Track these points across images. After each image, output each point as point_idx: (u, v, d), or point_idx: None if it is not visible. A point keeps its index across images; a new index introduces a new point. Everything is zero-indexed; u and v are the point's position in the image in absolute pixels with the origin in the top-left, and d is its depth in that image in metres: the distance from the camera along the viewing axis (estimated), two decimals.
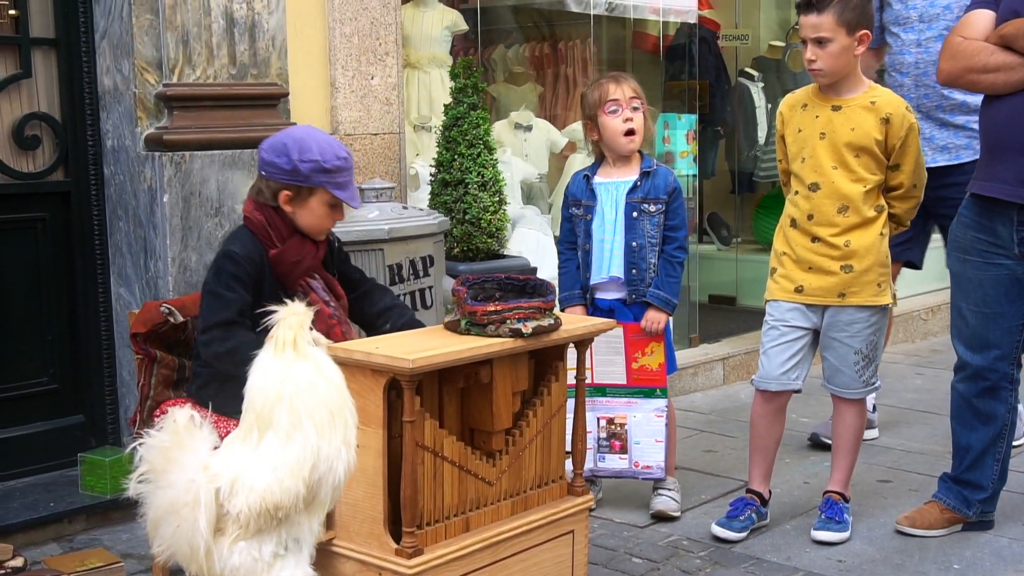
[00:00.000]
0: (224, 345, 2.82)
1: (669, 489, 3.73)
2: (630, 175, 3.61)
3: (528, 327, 2.72)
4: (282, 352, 2.15)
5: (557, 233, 5.50)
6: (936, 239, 7.31)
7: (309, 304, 2.27)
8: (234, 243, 2.93)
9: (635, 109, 3.58)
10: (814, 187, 3.42)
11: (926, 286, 6.88)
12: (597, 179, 3.65)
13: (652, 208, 3.58)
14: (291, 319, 2.17)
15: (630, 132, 3.57)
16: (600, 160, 3.70)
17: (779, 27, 7.47)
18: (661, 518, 3.67)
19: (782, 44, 7.27)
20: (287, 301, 2.24)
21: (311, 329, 2.21)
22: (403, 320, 3.12)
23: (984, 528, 3.57)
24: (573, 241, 3.70)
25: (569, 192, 3.72)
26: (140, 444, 2.13)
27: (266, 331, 2.22)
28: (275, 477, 2.10)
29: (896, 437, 4.60)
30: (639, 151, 3.65)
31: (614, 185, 3.62)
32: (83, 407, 3.85)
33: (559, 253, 3.76)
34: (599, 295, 3.66)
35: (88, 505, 3.57)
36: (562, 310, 3.60)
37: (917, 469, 4.18)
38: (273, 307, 2.22)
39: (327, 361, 2.23)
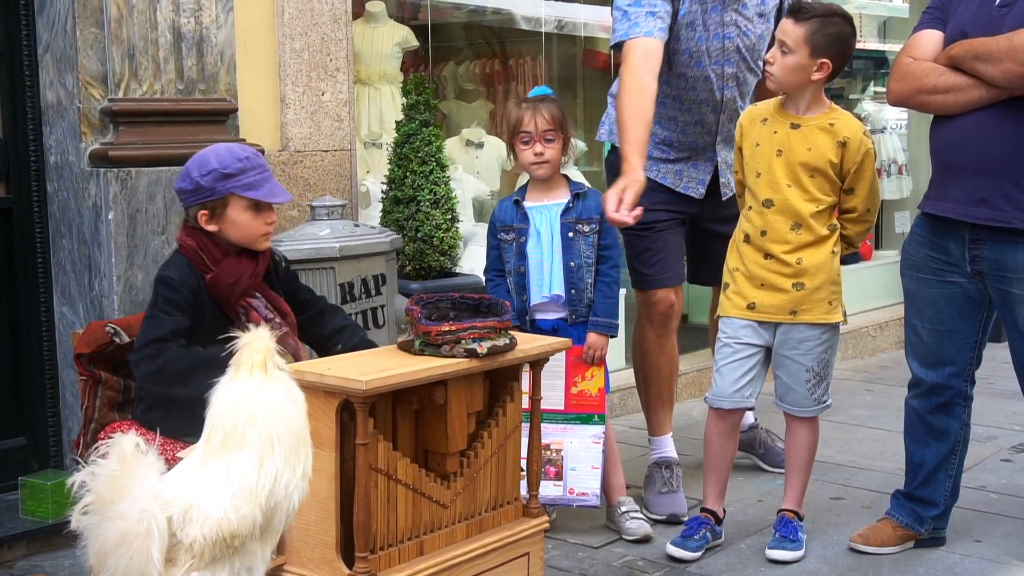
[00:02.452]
0: (154, 363, 2.76)
1: (636, 510, 3.70)
2: (561, 197, 3.60)
3: (483, 347, 2.69)
4: (250, 374, 2.10)
5: None
6: (884, 255, 7.42)
7: (258, 326, 2.22)
8: (169, 268, 2.88)
9: (548, 141, 3.53)
10: (768, 203, 3.42)
11: (875, 302, 6.95)
12: (527, 203, 3.62)
13: (586, 228, 3.57)
14: (256, 342, 2.12)
15: (538, 163, 3.56)
16: (526, 185, 3.67)
17: None
18: (646, 541, 3.62)
19: None
20: (233, 326, 2.18)
21: (276, 351, 2.17)
22: (354, 340, 3.07)
23: (936, 545, 3.58)
24: (501, 268, 3.64)
25: (496, 219, 3.66)
26: (84, 473, 2.06)
27: (221, 352, 2.18)
28: (232, 504, 2.05)
29: (847, 454, 4.62)
30: (565, 175, 3.66)
31: (546, 208, 3.60)
32: (25, 429, 3.74)
33: (487, 280, 3.67)
34: (539, 316, 3.62)
35: (29, 530, 3.48)
36: None
37: (869, 486, 4.19)
38: (236, 332, 2.17)
39: (294, 385, 2.19)
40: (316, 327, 3.10)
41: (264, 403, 2.10)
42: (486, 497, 2.87)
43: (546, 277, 3.56)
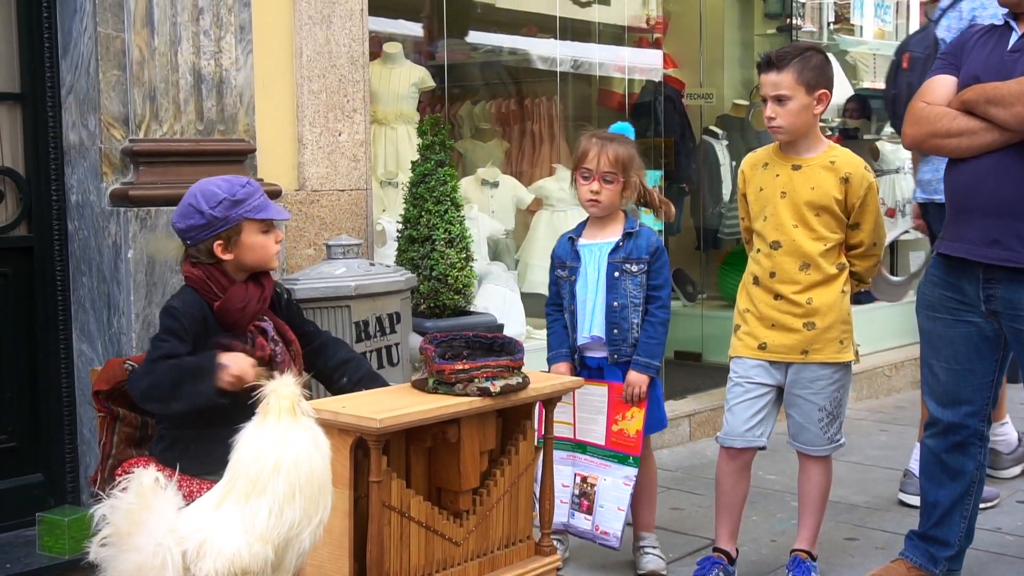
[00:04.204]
0: (144, 381, 2.82)
1: (654, 547, 3.71)
2: (613, 236, 3.62)
3: (496, 386, 2.72)
4: (278, 421, 2.13)
5: (523, 289, 5.54)
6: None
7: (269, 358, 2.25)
8: (174, 299, 2.96)
9: (607, 182, 3.55)
10: (775, 245, 3.45)
11: (889, 342, 6.94)
12: (582, 241, 3.66)
13: (634, 268, 3.58)
14: (283, 389, 2.16)
15: (593, 201, 3.59)
16: (585, 221, 3.71)
17: (743, 86, 7.58)
18: None
19: (746, 103, 7.36)
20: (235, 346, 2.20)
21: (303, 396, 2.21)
22: (360, 374, 3.10)
23: None
24: (559, 303, 3.70)
25: (555, 255, 3.73)
26: (104, 506, 2.09)
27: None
28: (244, 541, 2.07)
29: (862, 494, 4.61)
30: (624, 211, 3.66)
31: (597, 246, 3.62)
32: (42, 465, 3.78)
33: (547, 315, 3.74)
34: (587, 354, 3.66)
35: (46, 566, 3.49)
36: (549, 368, 3.62)
37: (883, 527, 4.18)
38: (262, 381, 2.22)
39: (320, 432, 2.22)
40: (321, 360, 3.14)
41: (290, 452, 2.13)
42: (498, 535, 2.89)
43: (587, 318, 3.59)
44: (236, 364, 2.74)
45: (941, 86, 3.33)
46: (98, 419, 3.05)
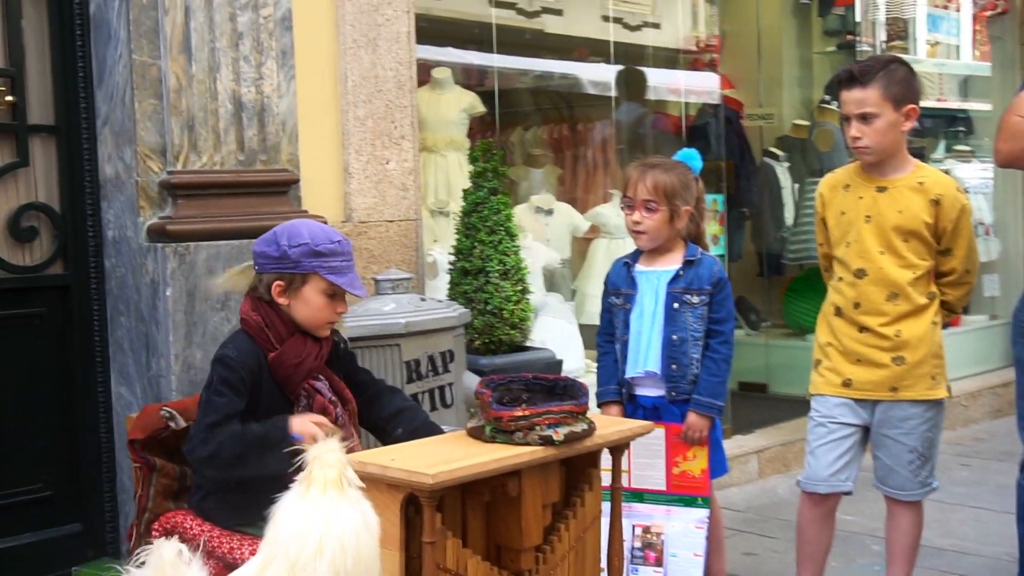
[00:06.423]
0: (206, 448, 2.63)
1: None
2: (672, 264, 3.39)
3: (559, 433, 2.48)
4: (324, 492, 1.90)
5: (581, 321, 5.31)
6: (972, 320, 7.11)
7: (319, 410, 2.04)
8: (228, 346, 2.77)
9: (649, 211, 3.34)
10: (860, 273, 3.20)
11: (965, 370, 6.61)
12: (638, 267, 3.44)
13: (695, 299, 3.34)
14: (328, 456, 1.93)
15: (636, 232, 3.39)
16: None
17: (803, 106, 7.34)
18: None
19: (807, 123, 7.12)
20: (292, 409, 2.01)
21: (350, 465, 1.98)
22: (416, 424, 2.89)
23: None
24: (612, 333, 3.47)
25: (609, 280, 3.50)
26: None
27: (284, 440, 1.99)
28: None
29: (947, 537, 4.31)
30: (683, 238, 3.43)
31: (655, 274, 3.40)
32: (80, 515, 3.60)
33: (598, 346, 3.52)
34: (640, 391, 3.42)
35: None
36: (598, 406, 3.36)
37: (974, 573, 3.89)
38: (304, 445, 2.01)
39: (369, 507, 1.99)
40: (375, 410, 2.94)
41: (335, 532, 1.90)
42: None
43: (642, 351, 3.36)
44: (308, 432, 2.53)
45: None
46: (134, 469, 2.88)
